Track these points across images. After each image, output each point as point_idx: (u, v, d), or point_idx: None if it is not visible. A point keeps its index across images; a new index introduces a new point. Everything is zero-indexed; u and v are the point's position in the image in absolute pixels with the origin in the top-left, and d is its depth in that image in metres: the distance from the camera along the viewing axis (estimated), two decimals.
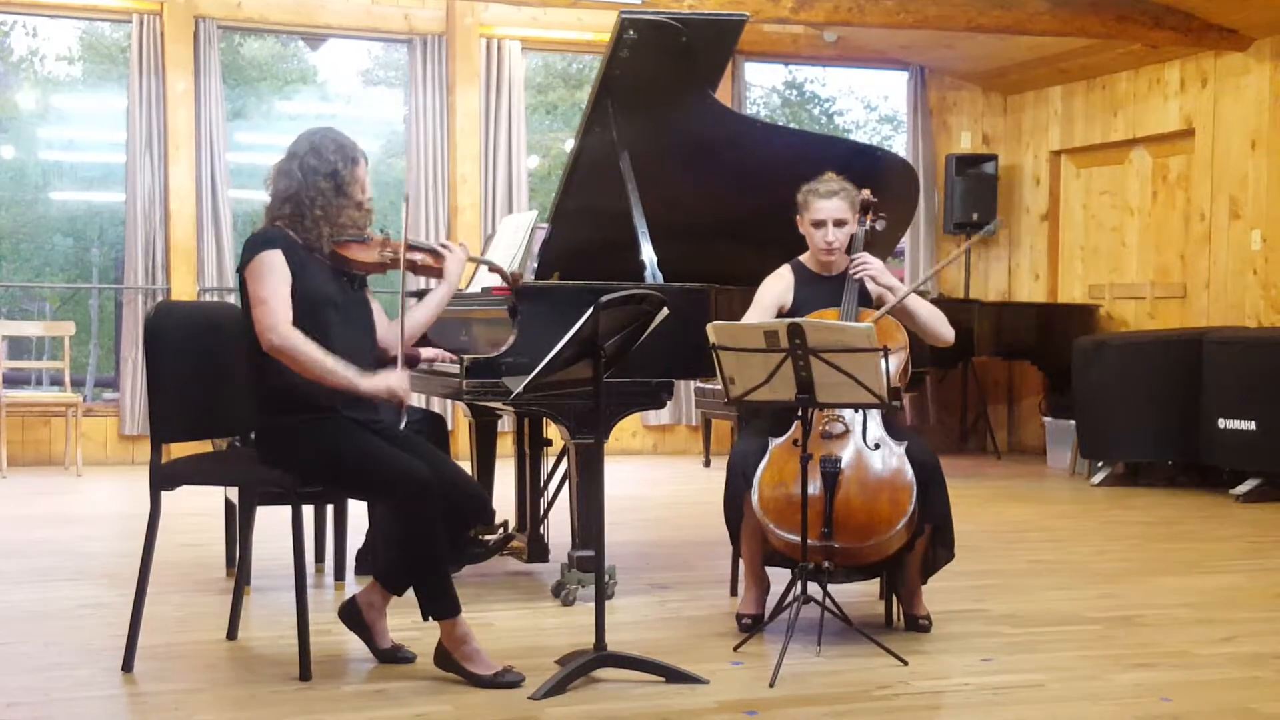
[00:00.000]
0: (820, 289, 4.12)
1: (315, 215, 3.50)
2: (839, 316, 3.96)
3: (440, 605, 3.39)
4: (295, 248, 3.49)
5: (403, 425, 3.58)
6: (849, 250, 4.11)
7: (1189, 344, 7.51)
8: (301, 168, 3.52)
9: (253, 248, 3.47)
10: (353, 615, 3.56)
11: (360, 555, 4.66)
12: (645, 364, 4.07)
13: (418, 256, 3.68)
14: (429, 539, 3.36)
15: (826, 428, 3.86)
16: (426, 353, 4.51)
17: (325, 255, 3.54)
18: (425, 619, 3.42)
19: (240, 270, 3.50)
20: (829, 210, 4.06)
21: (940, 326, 4.11)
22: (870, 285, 4.05)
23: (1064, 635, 4.00)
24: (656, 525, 6.25)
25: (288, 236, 3.50)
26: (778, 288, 4.17)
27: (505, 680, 3.34)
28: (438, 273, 3.70)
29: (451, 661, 3.40)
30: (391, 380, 3.47)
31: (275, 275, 3.42)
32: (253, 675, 3.47)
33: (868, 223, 4.19)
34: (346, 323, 3.54)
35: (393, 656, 3.57)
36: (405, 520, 3.37)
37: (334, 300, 3.52)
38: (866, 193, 4.19)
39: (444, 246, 3.71)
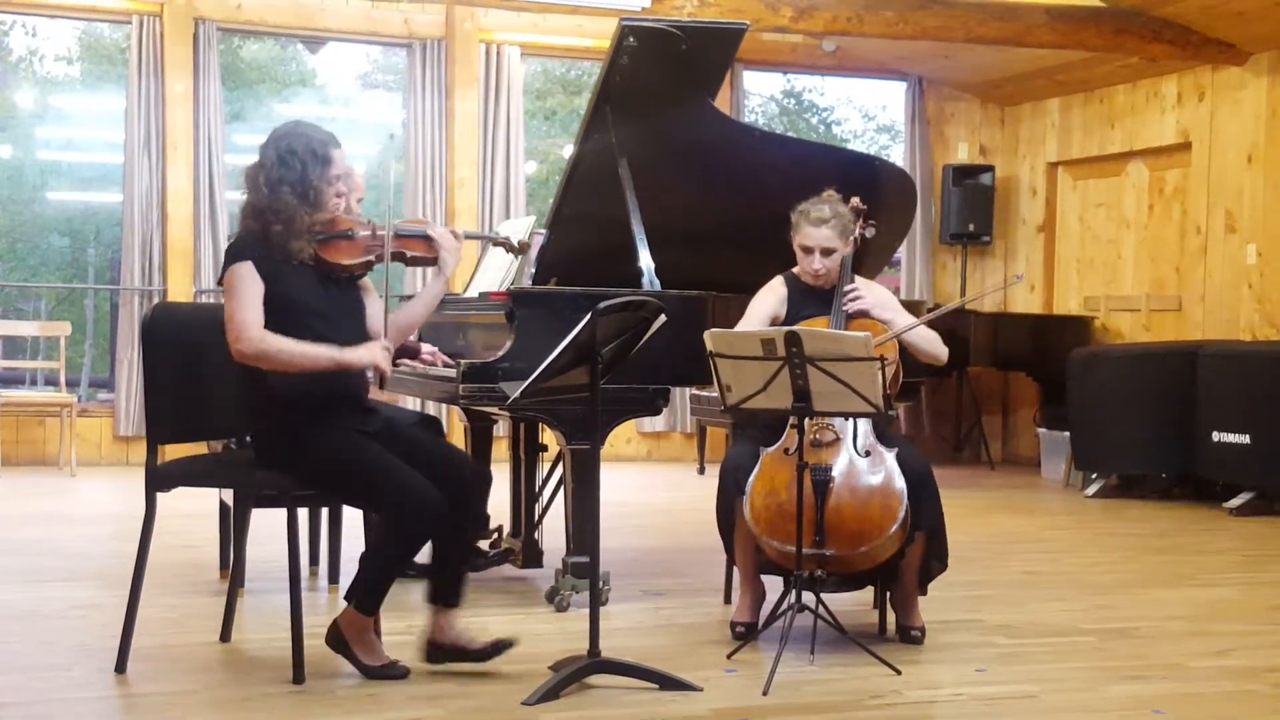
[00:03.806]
0: (812, 302, 4.12)
1: (277, 230, 3.42)
2: (829, 325, 3.96)
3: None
4: (268, 257, 3.42)
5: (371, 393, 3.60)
6: (840, 272, 4.11)
7: (1184, 357, 7.52)
8: (266, 181, 3.43)
9: (227, 259, 3.43)
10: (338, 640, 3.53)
11: None
12: (641, 370, 4.07)
13: (407, 249, 3.59)
14: (407, 546, 3.43)
15: (817, 436, 3.86)
16: (426, 348, 4.51)
17: (308, 260, 3.45)
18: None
19: (219, 281, 3.48)
20: (817, 239, 4.05)
21: (935, 349, 4.12)
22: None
23: (1057, 647, 4.00)
24: (651, 532, 6.25)
25: (259, 246, 3.44)
26: (771, 301, 4.17)
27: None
28: (431, 261, 3.65)
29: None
30: (376, 352, 3.42)
31: (244, 286, 3.37)
32: (246, 678, 3.47)
33: (857, 231, 4.18)
34: (335, 329, 3.46)
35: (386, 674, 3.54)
36: (396, 527, 3.39)
37: (319, 310, 3.45)
38: (856, 200, 4.19)
39: (435, 233, 3.62)
